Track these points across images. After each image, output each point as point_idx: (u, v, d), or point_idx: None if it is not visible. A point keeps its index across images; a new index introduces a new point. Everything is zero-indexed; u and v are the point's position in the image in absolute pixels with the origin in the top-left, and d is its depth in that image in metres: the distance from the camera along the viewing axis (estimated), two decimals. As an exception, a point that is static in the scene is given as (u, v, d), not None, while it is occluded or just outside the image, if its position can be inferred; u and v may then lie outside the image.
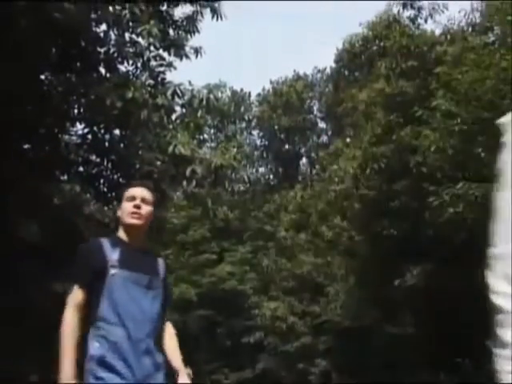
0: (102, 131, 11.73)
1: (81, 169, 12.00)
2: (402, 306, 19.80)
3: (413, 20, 19.54)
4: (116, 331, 3.62)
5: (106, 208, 12.25)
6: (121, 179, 11.79)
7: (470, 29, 19.19)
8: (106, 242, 3.87)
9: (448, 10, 19.19)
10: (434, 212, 15.46)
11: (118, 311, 3.65)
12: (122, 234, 3.96)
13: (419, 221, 16.87)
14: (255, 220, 35.76)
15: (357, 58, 22.84)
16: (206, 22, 12.92)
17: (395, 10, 19.67)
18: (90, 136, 11.65)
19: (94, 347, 3.60)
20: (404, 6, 19.39)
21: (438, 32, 19.64)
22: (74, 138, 11.92)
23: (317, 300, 27.02)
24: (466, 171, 15.18)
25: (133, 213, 3.86)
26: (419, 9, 19.39)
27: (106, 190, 11.97)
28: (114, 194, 11.70)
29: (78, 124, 11.75)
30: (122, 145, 11.97)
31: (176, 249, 32.91)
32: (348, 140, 24.94)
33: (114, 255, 3.78)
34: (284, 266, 29.45)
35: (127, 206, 3.92)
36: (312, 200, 28.63)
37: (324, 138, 40.99)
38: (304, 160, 41.80)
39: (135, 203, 3.90)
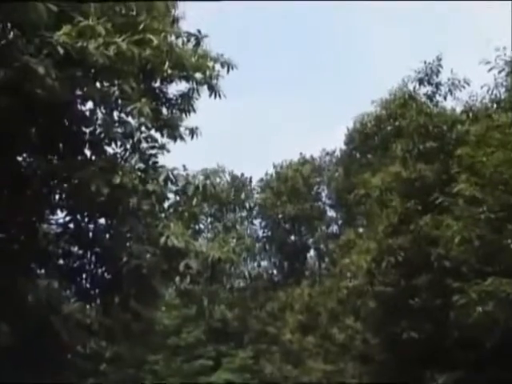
0: (86, 220, 11.65)
1: (60, 262, 11.85)
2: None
3: (430, 97, 19.86)
4: None
5: (87, 306, 12.01)
6: (105, 274, 11.61)
7: (495, 105, 19.37)
8: None
9: (469, 86, 19.56)
10: (459, 311, 15.17)
11: None
12: None
13: (443, 322, 16.55)
14: (256, 320, 35.17)
15: (369, 139, 23.14)
16: (203, 100, 13.15)
17: (411, 87, 20.04)
18: (71, 225, 11.57)
19: None
20: (420, 82, 19.74)
21: (458, 110, 19.93)
22: (54, 227, 11.84)
23: (328, 414, 26.19)
24: (496, 265, 14.99)
25: None
26: (437, 85, 19.74)
27: (88, 286, 11.78)
28: (97, 290, 11.50)
29: (58, 212, 11.69)
30: (107, 235, 11.85)
31: (167, 353, 32.25)
32: (361, 230, 24.86)
33: None
34: (290, 373, 28.73)
35: None
36: (321, 298, 28.25)
37: (334, 228, 40.90)
38: (312, 253, 41.57)
39: None
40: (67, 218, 11.62)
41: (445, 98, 19.82)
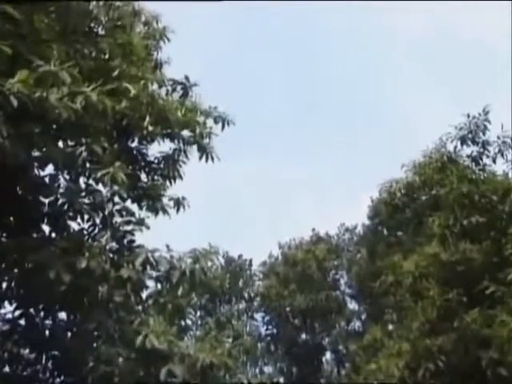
0: (41, 315, 11.51)
1: (6, 369, 11.67)
2: None
3: (476, 159, 19.97)
4: None
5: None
6: (66, 384, 11.48)
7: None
8: None
9: (524, 145, 19.68)
10: None
11: None
12: None
13: None
14: None
15: (399, 213, 23.08)
16: (192, 163, 13.25)
17: (451, 147, 20.17)
18: (22, 321, 11.43)
19: None
20: (463, 141, 19.87)
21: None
22: (0, 323, 11.69)
23: None
24: None
25: None
26: (484, 144, 19.85)
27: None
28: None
29: (6, 304, 11.56)
30: (69, 334, 11.73)
31: None
32: (390, 327, 24.63)
33: None
34: None
35: None
36: (341, 414, 27.83)
37: (356, 325, 40.56)
38: (328, 355, 41.14)
39: None
40: (17, 313, 11.49)
41: (494, 161, 19.93)
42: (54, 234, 11.39)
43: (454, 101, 46.62)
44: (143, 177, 12.91)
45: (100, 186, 11.55)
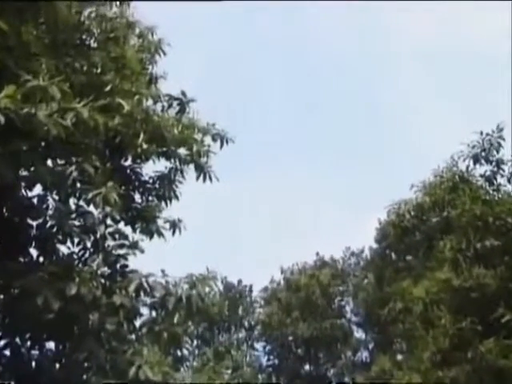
0: (28, 344, 11.43)
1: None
2: None
3: (489, 179, 19.94)
4: None
5: None
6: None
7: None
8: None
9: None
10: None
11: None
12: None
13: None
14: None
15: (409, 235, 23.06)
16: (189, 183, 13.23)
17: (463, 166, 20.15)
18: (7, 352, 11.35)
19: None
20: (476, 160, 19.87)
21: (528, 195, 19.97)
22: (-17, 354, 11.62)
23: None
24: None
25: None
26: (498, 163, 19.82)
27: None
28: None
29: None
30: (57, 365, 11.64)
31: None
32: (399, 358, 24.55)
33: None
34: None
35: None
36: None
37: (363, 355, 40.52)
38: (333, 387, 41.04)
39: None
40: (1, 342, 11.40)
41: (509, 181, 19.89)
42: (42, 259, 11.32)
43: (467, 117, 46.72)
44: (137, 197, 12.91)
45: (91, 208, 11.45)
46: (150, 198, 12.95)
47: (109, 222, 11.76)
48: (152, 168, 13.06)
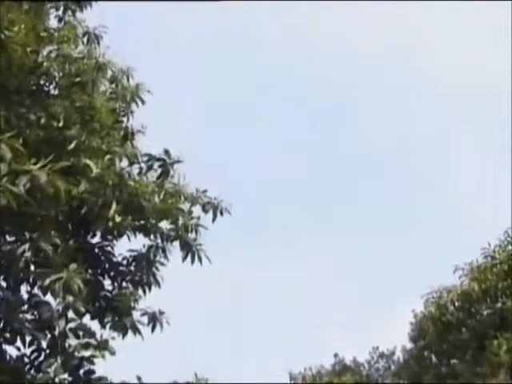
0: None
1: None
2: None
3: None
4: None
5: None
6: None
7: None
8: None
9: None
10: None
11: None
12: None
13: None
14: None
15: (453, 333, 22.89)
16: (173, 263, 13.16)
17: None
18: None
19: None
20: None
21: None
22: None
23: None
24: None
25: None
26: None
27: None
28: None
29: None
30: None
31: None
32: None
33: None
34: None
35: None
36: None
37: None
38: None
39: None
40: None
41: None
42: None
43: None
44: (107, 284, 12.84)
45: (48, 297, 11.31)
46: (124, 285, 12.87)
47: (71, 315, 11.60)
48: (127, 246, 13.02)
